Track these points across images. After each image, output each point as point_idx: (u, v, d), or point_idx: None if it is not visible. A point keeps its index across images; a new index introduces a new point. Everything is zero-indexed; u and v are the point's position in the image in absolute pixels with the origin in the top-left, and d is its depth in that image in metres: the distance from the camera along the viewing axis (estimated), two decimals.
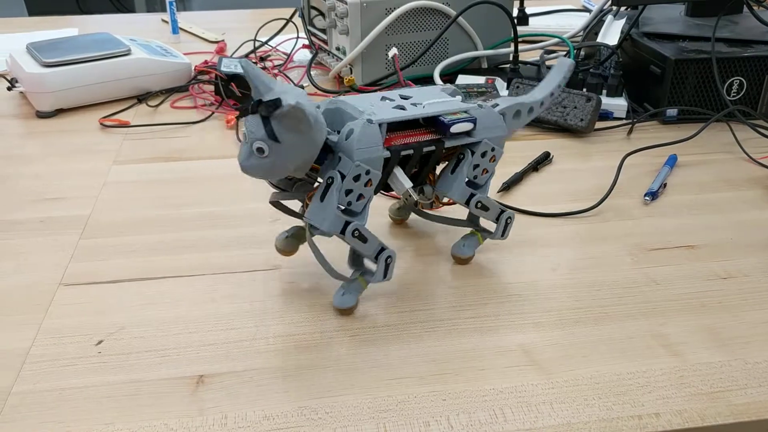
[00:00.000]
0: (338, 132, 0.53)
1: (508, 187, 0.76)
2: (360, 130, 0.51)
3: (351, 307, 0.56)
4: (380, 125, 0.52)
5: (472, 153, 0.57)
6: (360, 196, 0.52)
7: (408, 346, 0.53)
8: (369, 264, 0.58)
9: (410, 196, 0.55)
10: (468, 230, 0.65)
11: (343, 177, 0.51)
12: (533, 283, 0.60)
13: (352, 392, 0.48)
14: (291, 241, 0.58)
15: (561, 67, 0.63)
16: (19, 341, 0.53)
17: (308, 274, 0.61)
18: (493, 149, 0.58)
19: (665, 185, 0.77)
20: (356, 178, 0.51)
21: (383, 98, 0.56)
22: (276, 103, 0.46)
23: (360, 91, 0.98)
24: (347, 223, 0.52)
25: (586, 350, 0.52)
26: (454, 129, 0.55)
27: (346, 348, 0.52)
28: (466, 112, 0.56)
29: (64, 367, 0.50)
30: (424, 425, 0.46)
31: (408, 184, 0.54)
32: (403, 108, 0.55)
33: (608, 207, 0.73)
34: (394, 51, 1.00)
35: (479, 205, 0.58)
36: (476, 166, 0.57)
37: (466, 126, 0.55)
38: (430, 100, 0.56)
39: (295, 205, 0.60)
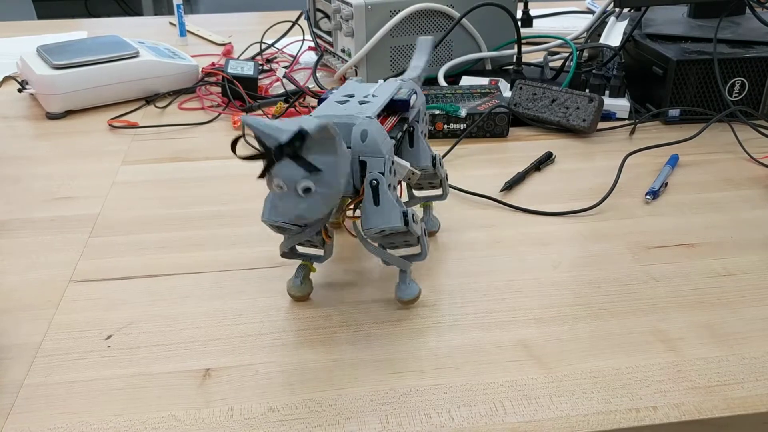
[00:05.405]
0: None
1: (510, 186, 0.77)
2: (371, 127, 0.51)
3: (418, 295, 0.57)
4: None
5: (417, 121, 0.61)
6: (394, 187, 0.54)
7: (410, 341, 0.54)
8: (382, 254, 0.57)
9: (414, 173, 0.57)
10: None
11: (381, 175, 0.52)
12: (534, 280, 0.61)
13: (355, 385, 0.49)
14: (306, 286, 0.58)
15: (424, 44, 0.69)
16: (31, 335, 0.54)
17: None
18: (425, 112, 0.64)
19: (666, 184, 0.78)
20: (390, 171, 0.52)
21: (342, 102, 0.56)
22: (301, 133, 0.44)
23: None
24: (405, 213, 0.52)
25: (585, 345, 0.53)
26: (412, 103, 0.59)
27: (350, 343, 0.53)
28: (401, 89, 0.60)
29: (75, 361, 0.52)
30: (426, 417, 0.47)
31: (407, 163, 0.56)
32: (367, 101, 0.56)
33: (610, 206, 0.73)
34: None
35: (440, 161, 0.64)
36: (422, 132, 0.62)
37: (415, 98, 0.60)
38: (370, 90, 0.59)
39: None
